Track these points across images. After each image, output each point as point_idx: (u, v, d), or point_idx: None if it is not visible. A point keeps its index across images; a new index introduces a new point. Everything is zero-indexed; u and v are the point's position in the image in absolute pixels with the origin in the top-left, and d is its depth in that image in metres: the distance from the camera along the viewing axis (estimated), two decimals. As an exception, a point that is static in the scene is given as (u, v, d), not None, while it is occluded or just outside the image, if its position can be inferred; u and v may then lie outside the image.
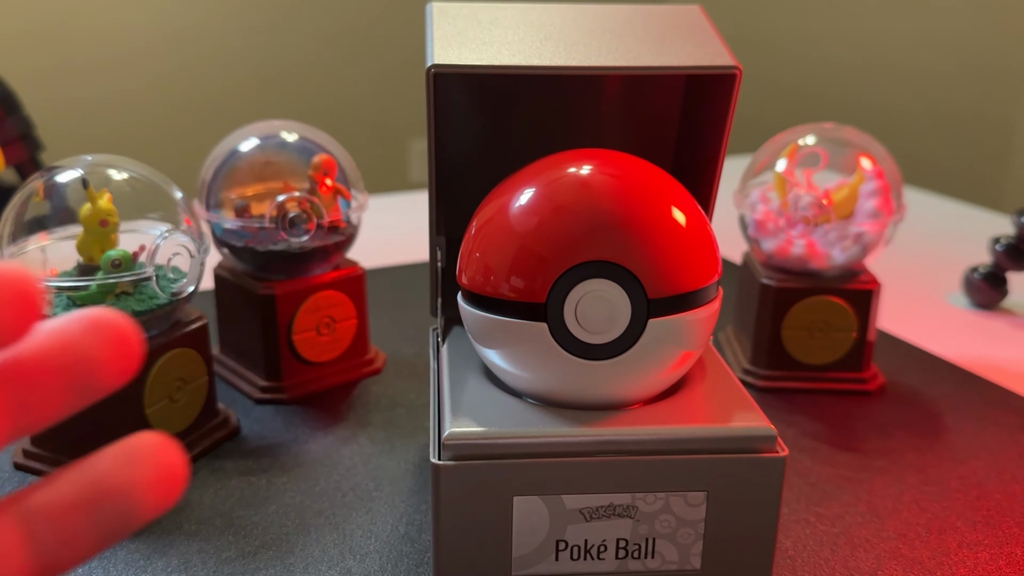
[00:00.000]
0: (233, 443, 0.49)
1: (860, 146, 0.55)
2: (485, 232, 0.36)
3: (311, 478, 0.46)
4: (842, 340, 0.55)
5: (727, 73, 0.38)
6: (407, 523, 0.42)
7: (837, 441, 0.50)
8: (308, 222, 0.51)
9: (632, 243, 0.34)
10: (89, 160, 0.45)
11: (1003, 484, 0.46)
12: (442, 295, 0.43)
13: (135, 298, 0.44)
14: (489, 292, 0.35)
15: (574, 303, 0.34)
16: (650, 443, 0.34)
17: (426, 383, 0.56)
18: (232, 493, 0.44)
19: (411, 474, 0.46)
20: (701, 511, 0.35)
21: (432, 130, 0.39)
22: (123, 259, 0.43)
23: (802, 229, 0.53)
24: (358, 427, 0.51)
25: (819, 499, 0.45)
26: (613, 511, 0.34)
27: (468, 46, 0.38)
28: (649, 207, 0.35)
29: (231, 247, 0.53)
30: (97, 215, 0.44)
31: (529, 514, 0.34)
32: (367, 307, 0.57)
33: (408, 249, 0.82)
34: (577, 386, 0.35)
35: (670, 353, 0.35)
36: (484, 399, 0.36)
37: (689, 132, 0.44)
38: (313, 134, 0.55)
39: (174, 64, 2.24)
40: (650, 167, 0.37)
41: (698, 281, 0.35)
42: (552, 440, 0.34)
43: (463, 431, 0.34)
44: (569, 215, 0.34)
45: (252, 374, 0.55)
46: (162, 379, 0.45)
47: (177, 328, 0.46)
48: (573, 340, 0.34)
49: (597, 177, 0.35)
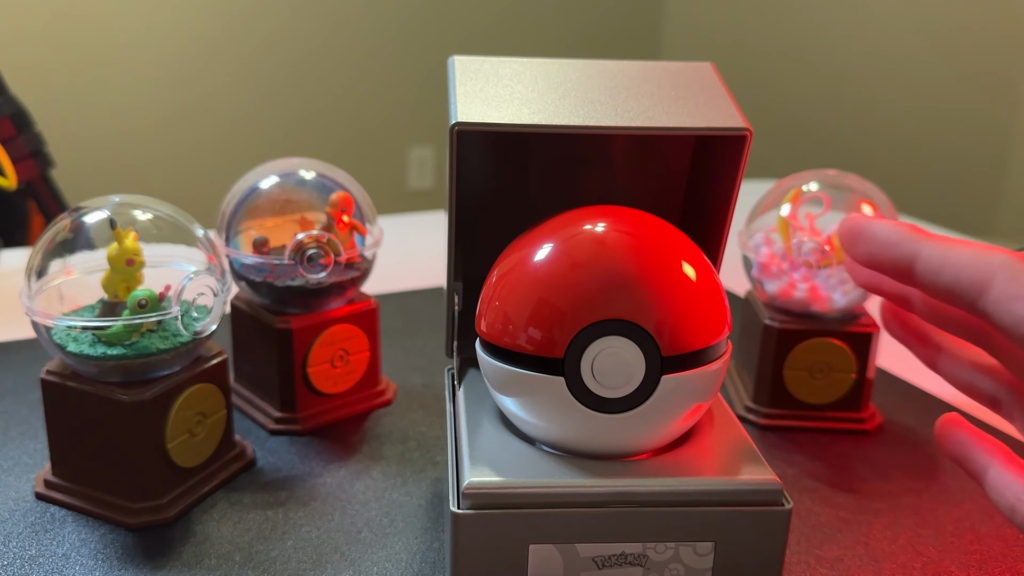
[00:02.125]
0: (249, 475, 0.50)
1: (861, 192, 0.57)
2: (504, 284, 0.38)
3: (326, 513, 0.47)
4: (842, 381, 0.56)
5: (738, 135, 0.39)
6: (420, 560, 0.43)
7: (836, 482, 0.52)
8: (325, 258, 0.52)
9: (647, 302, 0.35)
10: (116, 201, 0.47)
11: (996, 528, 0.48)
12: (458, 339, 0.45)
13: (159, 335, 0.45)
14: (507, 344, 0.37)
15: (591, 359, 0.35)
16: (662, 495, 0.35)
17: (436, 414, 0.58)
18: (251, 527, 0.46)
19: (424, 510, 0.47)
20: (709, 560, 0.36)
21: (454, 183, 0.40)
22: (149, 299, 0.44)
23: (804, 273, 0.54)
24: (371, 460, 0.52)
25: (819, 541, 0.46)
26: (625, 559, 0.36)
27: (490, 103, 0.40)
28: (664, 266, 0.36)
29: (249, 281, 0.54)
30: (123, 255, 0.45)
31: (544, 561, 0.35)
32: (379, 339, 0.58)
33: (413, 275, 0.84)
34: (591, 437, 0.36)
35: (682, 406, 0.36)
36: (501, 447, 0.38)
37: (698, 188, 0.45)
38: (331, 171, 0.56)
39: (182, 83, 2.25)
40: (664, 225, 0.38)
41: (709, 338, 0.36)
42: (568, 491, 0.35)
43: (482, 480, 0.35)
44: (587, 271, 0.36)
45: (267, 405, 0.56)
46: (183, 414, 0.46)
47: (198, 364, 0.47)
48: (589, 394, 0.36)
49: (613, 235, 0.37)
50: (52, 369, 0.46)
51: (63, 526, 0.46)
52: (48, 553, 0.43)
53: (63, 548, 0.44)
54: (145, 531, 0.45)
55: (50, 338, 0.45)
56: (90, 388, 0.45)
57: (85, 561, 0.43)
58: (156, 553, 0.43)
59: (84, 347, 0.45)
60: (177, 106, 2.25)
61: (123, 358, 0.44)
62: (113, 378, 0.45)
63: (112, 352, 0.44)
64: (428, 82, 2.60)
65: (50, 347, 0.46)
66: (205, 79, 2.27)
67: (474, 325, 0.40)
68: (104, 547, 0.44)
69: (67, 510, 0.47)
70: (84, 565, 0.43)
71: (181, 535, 0.45)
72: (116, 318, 0.44)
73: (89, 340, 0.45)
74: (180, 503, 0.47)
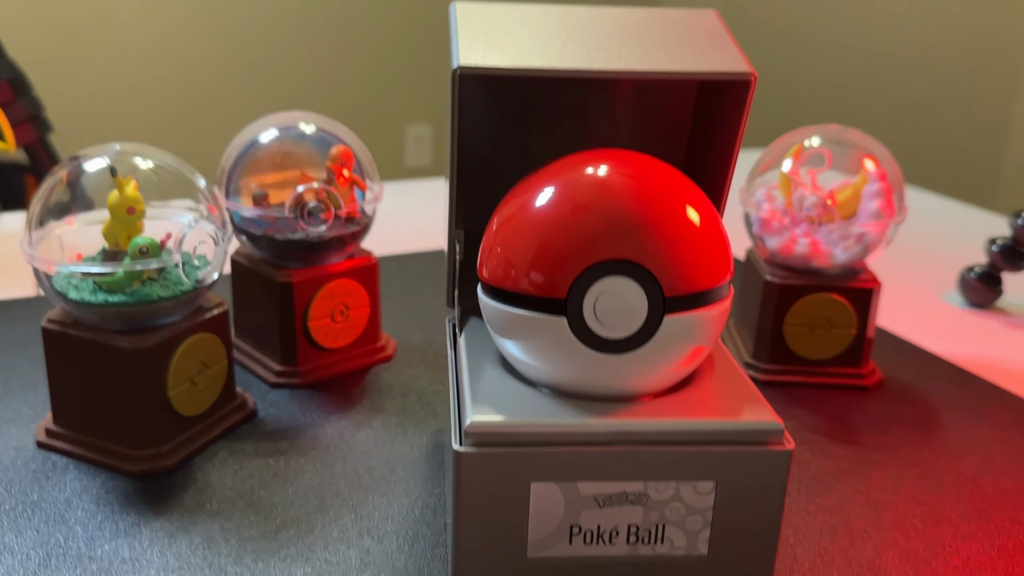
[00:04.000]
0: (251, 425, 0.51)
1: (864, 148, 0.57)
2: (507, 228, 0.37)
3: (328, 460, 0.47)
4: (842, 336, 0.56)
5: (742, 79, 0.39)
6: (422, 506, 0.44)
7: (836, 434, 0.52)
8: (326, 212, 0.52)
9: (650, 242, 0.35)
10: (117, 148, 0.47)
11: (996, 479, 0.48)
12: (458, 287, 0.45)
13: (160, 284, 0.45)
14: (510, 286, 0.37)
15: (593, 299, 0.35)
16: (663, 434, 0.36)
17: (437, 370, 0.58)
18: (252, 474, 0.46)
19: (424, 459, 0.48)
20: (709, 500, 0.36)
21: (455, 129, 0.40)
22: (150, 247, 0.44)
23: (806, 228, 0.54)
24: (372, 412, 0.52)
25: (819, 490, 0.46)
26: (625, 498, 0.36)
27: (492, 47, 0.40)
28: (667, 207, 0.36)
29: (249, 235, 0.54)
30: (124, 203, 0.45)
31: (545, 499, 0.36)
32: (380, 295, 0.58)
33: (414, 238, 0.84)
34: (593, 378, 0.36)
35: (683, 348, 0.36)
36: (503, 389, 0.38)
37: (701, 134, 0.45)
38: (331, 125, 0.56)
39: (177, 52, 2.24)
40: (667, 168, 0.38)
41: (712, 280, 0.36)
42: (570, 429, 0.35)
43: (484, 420, 0.35)
44: (589, 214, 0.36)
45: (268, 359, 0.56)
46: (185, 363, 0.46)
47: (199, 313, 0.47)
48: (591, 335, 0.36)
49: (616, 177, 0.37)
50: (53, 318, 0.46)
51: (64, 473, 0.46)
52: (50, 499, 0.44)
53: (64, 494, 0.44)
54: (146, 478, 0.45)
55: (51, 286, 0.45)
56: (92, 336, 0.45)
57: (86, 506, 0.43)
58: (157, 498, 0.44)
59: (85, 294, 0.45)
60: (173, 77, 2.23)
61: (124, 306, 0.44)
62: (115, 326, 0.45)
63: (113, 300, 0.44)
64: (426, 59, 2.59)
65: (52, 295, 0.46)
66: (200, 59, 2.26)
67: (475, 275, 0.40)
68: (106, 493, 0.44)
69: (68, 458, 0.47)
70: (85, 510, 0.43)
71: (182, 482, 0.45)
72: (118, 263, 0.44)
73: (90, 288, 0.45)
74: (181, 451, 0.47)
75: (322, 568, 0.39)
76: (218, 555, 0.40)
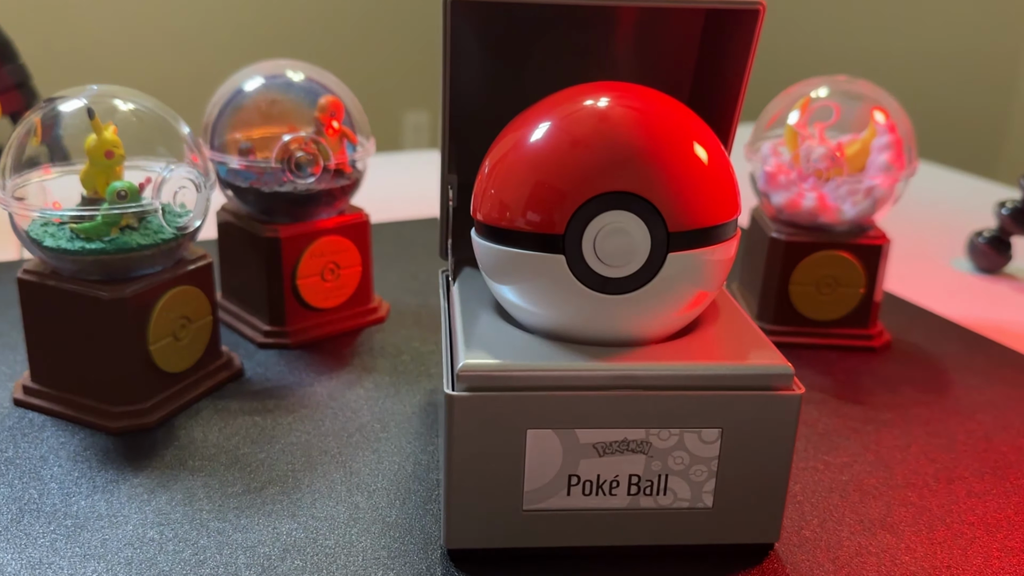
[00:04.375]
0: (237, 384, 0.49)
1: (873, 99, 0.55)
2: (501, 166, 0.35)
3: (317, 419, 0.45)
4: (849, 296, 0.54)
5: (750, 8, 0.37)
6: (414, 463, 0.42)
7: (844, 394, 0.50)
8: (314, 164, 0.50)
9: (653, 174, 0.33)
10: (95, 90, 0.44)
11: (1010, 438, 0.46)
12: (452, 236, 0.43)
13: (140, 232, 0.43)
14: (505, 225, 0.35)
15: (593, 235, 0.33)
16: (666, 379, 0.34)
17: (431, 331, 0.56)
18: (237, 431, 0.44)
19: (417, 417, 0.46)
20: (715, 448, 0.34)
21: (448, 64, 0.38)
22: (129, 191, 0.42)
23: (813, 182, 0.52)
24: (363, 372, 0.50)
25: (827, 448, 0.44)
26: (627, 446, 0.34)
27: (486, -24, 0.38)
28: (671, 139, 0.34)
29: (235, 188, 0.52)
30: (102, 146, 0.43)
31: (542, 447, 0.34)
32: (371, 255, 0.56)
33: (408, 205, 0.82)
34: (593, 321, 0.34)
35: (688, 290, 0.34)
36: (497, 334, 0.36)
37: (707, 69, 0.43)
38: (320, 75, 0.54)
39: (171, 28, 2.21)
40: (670, 100, 0.36)
41: (719, 216, 0.34)
42: (567, 373, 0.33)
43: (477, 363, 0.33)
44: (589, 147, 0.34)
45: (255, 319, 0.54)
46: (166, 316, 0.44)
47: (182, 265, 0.45)
48: (591, 273, 0.34)
49: (616, 109, 0.35)
50: (30, 268, 0.44)
51: (42, 430, 0.44)
52: (25, 456, 0.42)
53: (40, 451, 0.42)
54: (126, 435, 0.43)
55: (27, 234, 0.43)
56: (69, 286, 0.43)
57: (63, 463, 0.41)
58: (137, 455, 0.42)
59: (62, 242, 0.43)
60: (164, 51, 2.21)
61: (102, 253, 0.42)
62: (93, 276, 0.43)
63: (91, 247, 0.42)
64: (424, 45, 2.56)
65: (27, 243, 0.44)
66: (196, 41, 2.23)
67: (468, 226, 0.38)
68: (84, 450, 0.42)
69: (46, 415, 0.45)
70: (62, 467, 0.41)
71: (164, 439, 0.43)
72: (95, 208, 0.42)
73: (67, 235, 0.43)
74: (163, 408, 0.45)
75: (309, 523, 0.37)
76: (199, 511, 0.38)
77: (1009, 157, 1.71)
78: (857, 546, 0.37)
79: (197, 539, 0.36)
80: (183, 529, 0.37)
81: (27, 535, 0.36)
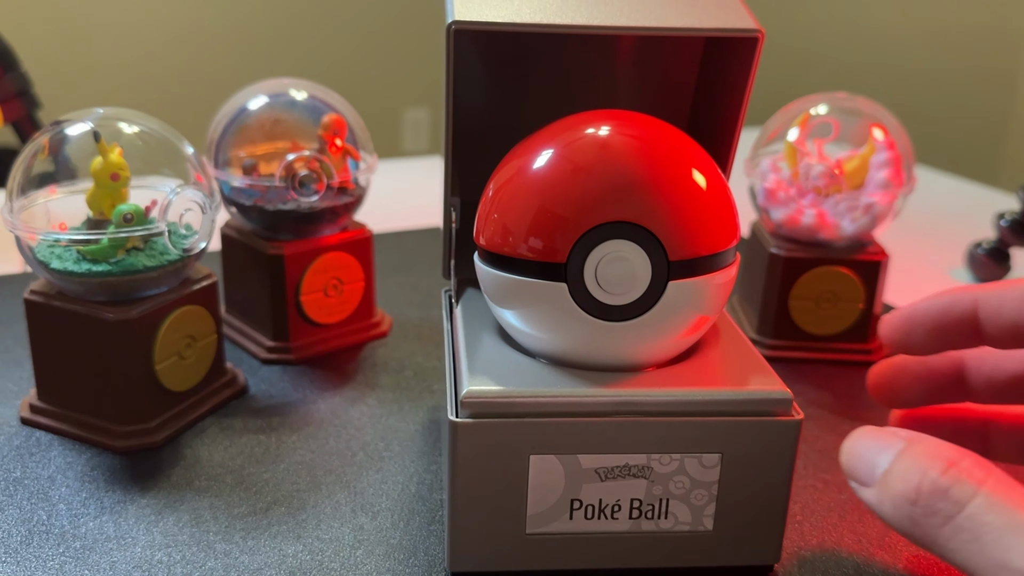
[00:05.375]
0: (241, 401, 0.49)
1: (872, 116, 0.55)
2: (504, 192, 0.36)
3: (321, 437, 0.46)
4: (849, 311, 0.55)
5: (749, 36, 0.37)
6: (418, 482, 0.42)
7: (843, 411, 0.50)
8: (317, 182, 0.51)
9: (654, 204, 0.33)
10: (100, 113, 0.45)
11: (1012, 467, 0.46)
12: (455, 257, 0.43)
13: (146, 253, 0.44)
14: (508, 252, 0.35)
15: (594, 264, 0.34)
16: (667, 405, 0.34)
17: (433, 346, 0.56)
18: (242, 450, 0.44)
19: (420, 435, 0.46)
20: (715, 473, 0.35)
21: (451, 90, 0.38)
22: (135, 214, 0.43)
23: (812, 199, 0.53)
24: (366, 388, 0.51)
25: (827, 466, 0.45)
26: (628, 471, 0.35)
27: (489, 3, 0.38)
28: (671, 168, 0.34)
29: (239, 206, 0.53)
30: (108, 169, 0.43)
31: (545, 472, 0.34)
32: (374, 270, 0.57)
33: (410, 215, 0.82)
34: (594, 347, 0.35)
35: (688, 316, 0.35)
36: (501, 359, 0.36)
37: (705, 96, 0.44)
38: (323, 93, 0.55)
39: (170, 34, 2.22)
40: (670, 128, 0.37)
41: (719, 244, 0.35)
42: (570, 400, 0.34)
43: (481, 389, 0.34)
44: (590, 175, 0.34)
45: (258, 334, 0.55)
46: (172, 336, 0.45)
47: (187, 285, 0.46)
48: (592, 301, 0.34)
49: (618, 138, 0.35)
50: (36, 289, 0.45)
51: (49, 450, 0.44)
52: (33, 476, 0.42)
53: (48, 471, 0.43)
54: (133, 454, 0.44)
55: (33, 255, 0.44)
56: (75, 307, 0.43)
57: (71, 483, 0.42)
58: (144, 475, 0.42)
59: (68, 264, 0.43)
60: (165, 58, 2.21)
61: (108, 275, 0.43)
62: (99, 297, 0.43)
63: (97, 269, 0.43)
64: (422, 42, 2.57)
65: (34, 265, 0.44)
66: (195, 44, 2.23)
67: (471, 246, 0.38)
68: (91, 469, 0.43)
69: (53, 434, 0.45)
70: (70, 487, 0.41)
71: (170, 458, 0.44)
72: (101, 232, 0.42)
73: (74, 257, 0.43)
74: (169, 427, 0.45)
75: (314, 545, 0.38)
76: (206, 532, 0.38)
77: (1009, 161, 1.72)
78: (856, 566, 0.38)
79: (204, 561, 0.37)
80: (191, 551, 0.37)
81: (36, 557, 0.37)
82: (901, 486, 0.27)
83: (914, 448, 0.28)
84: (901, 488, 0.27)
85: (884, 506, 0.28)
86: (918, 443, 0.28)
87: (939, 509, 0.26)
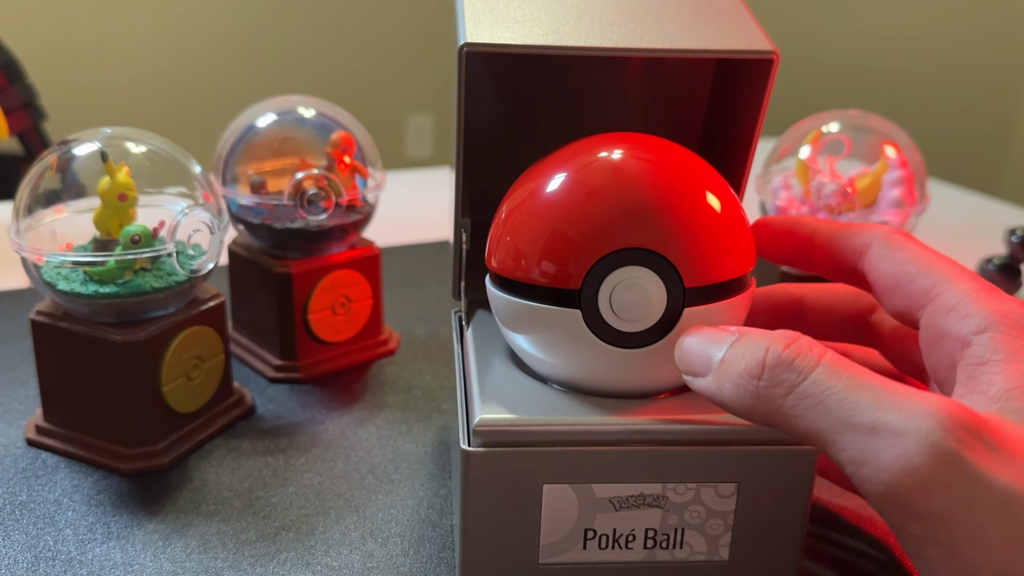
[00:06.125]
0: (249, 422, 0.49)
1: (885, 134, 0.55)
2: (517, 215, 0.35)
3: (329, 459, 0.45)
4: (861, 329, 0.54)
5: (764, 58, 0.37)
6: (428, 507, 0.42)
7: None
8: (326, 200, 0.50)
9: (669, 230, 0.33)
10: (108, 133, 0.45)
11: None
12: (465, 279, 0.43)
13: (153, 274, 0.44)
14: (520, 277, 0.35)
15: (609, 290, 0.33)
16: (683, 434, 0.34)
17: (442, 364, 0.56)
18: (250, 473, 0.44)
19: (430, 457, 0.46)
20: (731, 502, 0.34)
21: (462, 111, 0.38)
22: (143, 235, 0.42)
23: (825, 217, 0.52)
24: (375, 408, 0.50)
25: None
26: (643, 501, 0.34)
27: (500, 24, 0.38)
28: (686, 193, 0.34)
29: (247, 223, 0.52)
30: (115, 189, 0.43)
31: (558, 502, 0.34)
32: (382, 287, 0.56)
33: (417, 228, 0.82)
34: (608, 374, 0.34)
35: (703, 342, 0.34)
36: (512, 385, 0.36)
37: (718, 117, 0.43)
38: (331, 110, 0.54)
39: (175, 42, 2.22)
40: (685, 152, 0.36)
41: (735, 270, 0.34)
42: (584, 428, 0.33)
43: (493, 418, 0.33)
44: (604, 200, 0.34)
45: (266, 352, 0.54)
46: (179, 357, 0.44)
47: (195, 305, 0.46)
48: (607, 328, 0.34)
49: (632, 161, 0.35)
50: (43, 310, 0.45)
51: (55, 472, 0.44)
52: (39, 499, 0.42)
53: (55, 494, 0.42)
54: (140, 477, 0.43)
55: (40, 276, 0.43)
56: (82, 329, 0.43)
57: (77, 507, 0.41)
58: (151, 499, 0.42)
59: (75, 285, 0.43)
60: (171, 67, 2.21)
61: (116, 296, 0.42)
62: (106, 318, 0.43)
63: (104, 290, 0.42)
64: (427, 48, 2.56)
65: (40, 286, 0.44)
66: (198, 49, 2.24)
67: (482, 266, 0.38)
68: (97, 493, 0.42)
69: (59, 456, 0.45)
70: (76, 511, 0.41)
71: (177, 481, 0.43)
72: (109, 253, 0.42)
73: (81, 278, 0.43)
74: (176, 449, 0.45)
75: (324, 573, 0.37)
76: (214, 559, 0.38)
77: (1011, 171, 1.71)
78: (872, 596, 0.37)
79: (212, 589, 0.36)
80: (198, 579, 0.37)
81: (43, 585, 0.36)
82: (743, 365, 0.29)
83: (750, 334, 0.30)
84: (744, 366, 0.29)
85: (724, 389, 0.30)
86: (751, 331, 0.30)
87: (783, 379, 0.28)
